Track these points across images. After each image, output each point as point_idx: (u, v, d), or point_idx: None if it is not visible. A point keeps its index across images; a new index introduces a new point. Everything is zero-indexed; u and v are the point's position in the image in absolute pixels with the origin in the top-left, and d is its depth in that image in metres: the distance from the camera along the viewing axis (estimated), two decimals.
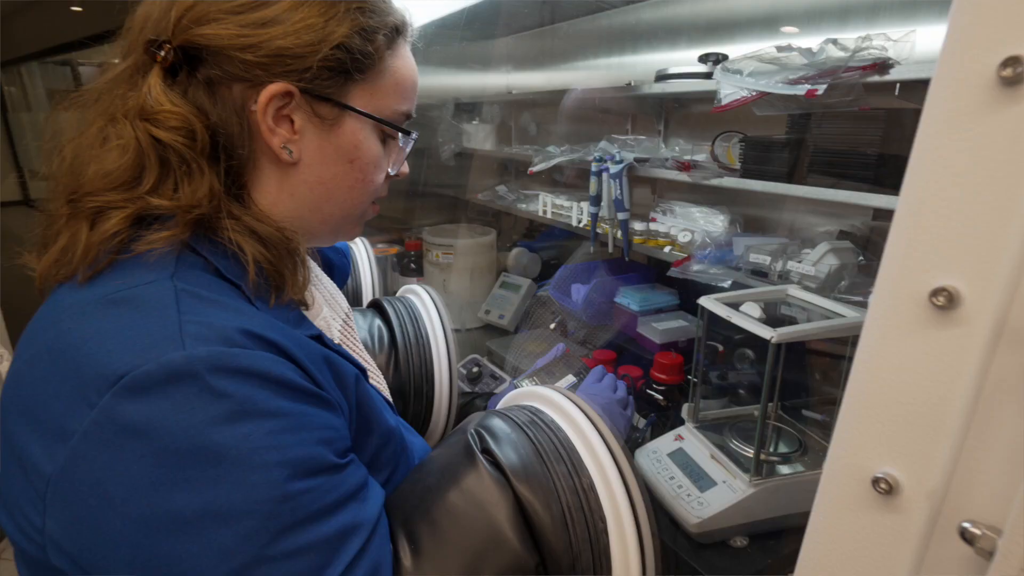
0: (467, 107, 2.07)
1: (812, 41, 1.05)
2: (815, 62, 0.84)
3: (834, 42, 0.84)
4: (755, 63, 0.90)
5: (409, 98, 0.56)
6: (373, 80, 0.53)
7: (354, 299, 1.09)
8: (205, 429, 0.37)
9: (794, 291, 0.89)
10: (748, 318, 0.77)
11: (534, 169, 1.55)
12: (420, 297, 0.87)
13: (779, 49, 0.93)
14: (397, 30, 0.54)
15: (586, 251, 1.47)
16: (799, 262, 0.94)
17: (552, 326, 1.65)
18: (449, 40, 1.88)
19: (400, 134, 0.57)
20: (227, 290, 0.46)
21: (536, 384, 0.86)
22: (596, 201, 1.34)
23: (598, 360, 1.23)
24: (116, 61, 0.51)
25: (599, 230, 1.39)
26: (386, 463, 0.55)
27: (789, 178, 0.93)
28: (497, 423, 0.53)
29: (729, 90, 0.94)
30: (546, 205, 1.64)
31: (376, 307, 0.88)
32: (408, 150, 0.59)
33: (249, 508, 0.38)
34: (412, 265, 1.89)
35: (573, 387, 0.85)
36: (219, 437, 0.38)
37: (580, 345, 1.47)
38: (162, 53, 0.47)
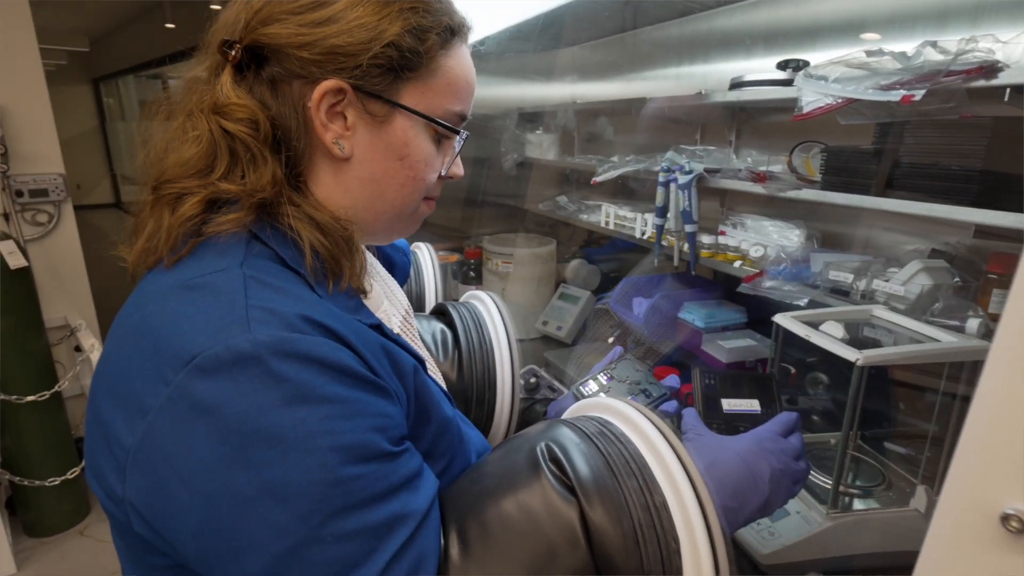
0: (530, 117, 2.08)
1: (905, 47, 0.99)
2: (911, 66, 0.79)
3: (933, 45, 0.78)
4: (842, 68, 0.85)
5: (463, 99, 0.57)
6: (425, 79, 0.53)
7: (417, 304, 1.10)
8: (265, 411, 0.39)
9: (880, 312, 0.83)
10: (830, 338, 0.72)
11: (598, 179, 1.53)
12: (484, 303, 0.87)
13: (869, 54, 0.88)
14: (452, 30, 0.55)
15: (650, 264, 1.44)
16: (886, 281, 0.88)
17: (611, 340, 1.61)
18: (523, 49, 1.89)
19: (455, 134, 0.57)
20: (291, 278, 0.48)
21: (592, 382, 0.83)
22: (662, 212, 1.31)
23: (662, 375, 1.18)
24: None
25: (664, 242, 1.36)
26: (443, 453, 0.55)
27: (877, 191, 0.87)
28: (565, 432, 0.51)
29: (812, 97, 0.89)
30: (608, 216, 1.61)
31: (440, 312, 0.88)
32: (459, 149, 0.59)
33: (303, 490, 0.39)
34: (472, 273, 1.91)
35: (674, 418, 0.76)
36: (277, 420, 0.39)
37: (638, 358, 1.43)
38: (232, 52, 0.50)
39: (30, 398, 2.06)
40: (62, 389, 2.17)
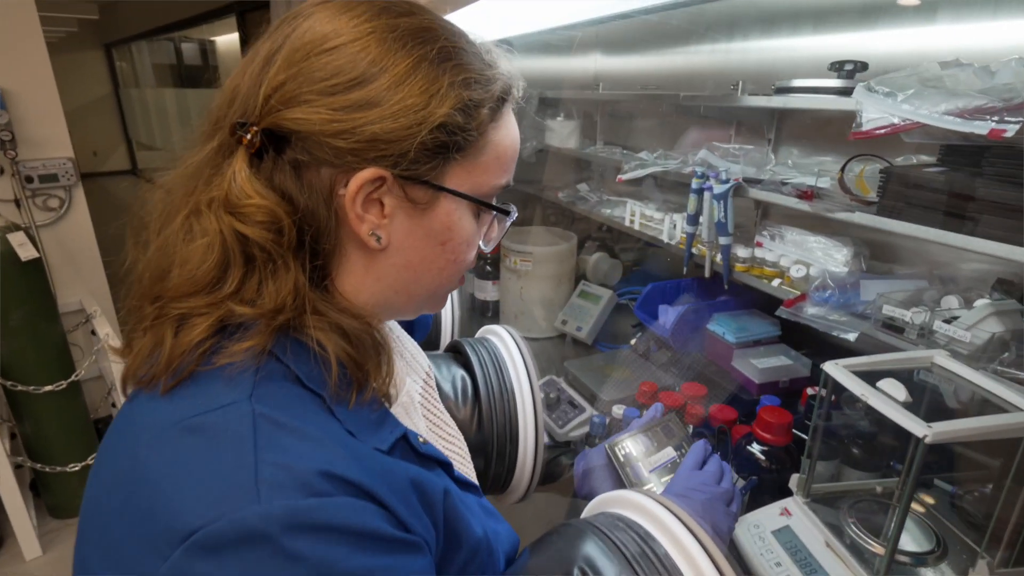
0: (551, 102, 1.96)
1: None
2: (996, 87, 0.69)
3: None
4: (914, 83, 0.75)
5: (509, 170, 0.51)
6: (473, 156, 0.47)
7: (432, 336, 1.03)
8: None
9: (942, 360, 0.75)
10: (892, 404, 0.65)
11: (624, 177, 1.43)
12: (503, 341, 0.80)
13: (943, 66, 0.78)
14: (501, 98, 0.48)
15: (678, 271, 1.35)
16: (948, 322, 0.79)
17: (633, 341, 1.55)
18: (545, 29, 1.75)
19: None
20: (307, 403, 0.42)
21: (630, 443, 0.77)
22: (693, 220, 1.22)
23: (689, 394, 1.12)
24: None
25: (694, 250, 1.27)
26: (473, 574, 0.50)
27: (943, 222, 0.78)
28: (601, 554, 0.45)
29: (875, 114, 0.79)
30: (634, 214, 1.52)
31: (455, 350, 0.82)
32: (507, 228, 0.53)
33: None
34: (488, 267, 1.83)
35: (671, 466, 0.75)
36: None
37: (662, 370, 1.37)
38: (248, 136, 0.43)
39: (47, 388, 2.06)
40: (79, 377, 2.18)
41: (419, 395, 0.61)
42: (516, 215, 0.53)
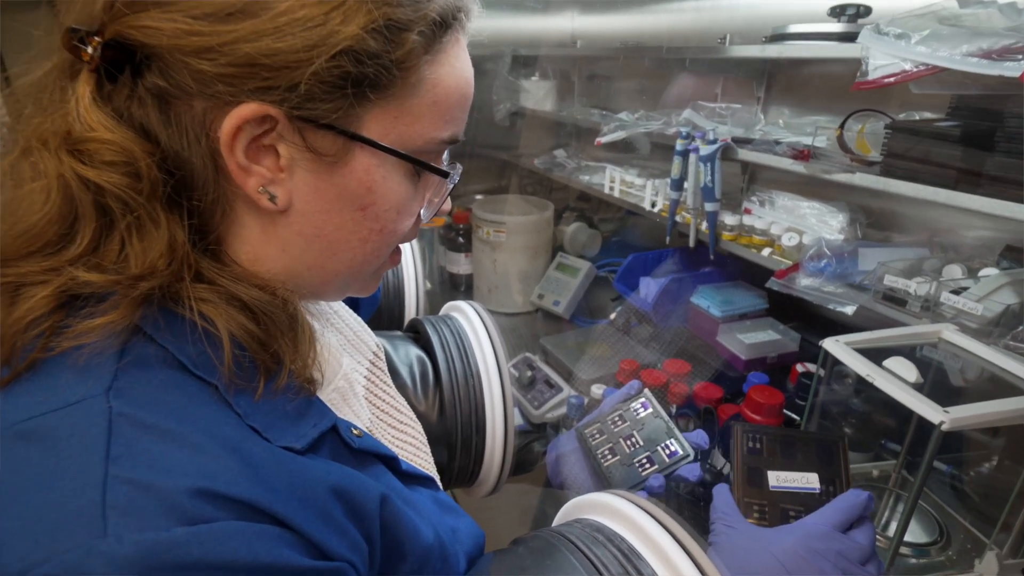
0: (525, 60, 1.84)
1: None
2: None
3: None
4: (930, 23, 0.66)
5: (454, 119, 0.39)
6: (400, 98, 0.36)
7: (395, 295, 0.94)
8: None
9: (951, 335, 0.68)
10: (903, 386, 0.58)
11: (603, 139, 1.33)
12: (468, 319, 0.71)
13: (962, 3, 0.69)
14: (442, 23, 0.36)
15: (660, 241, 1.27)
16: (957, 293, 0.72)
17: (612, 316, 1.47)
18: None
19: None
20: (194, 395, 0.33)
21: (601, 426, 0.69)
22: (677, 185, 1.13)
23: (672, 371, 1.05)
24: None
25: (678, 217, 1.19)
26: None
27: (956, 183, 0.70)
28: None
29: (883, 60, 0.70)
30: (613, 181, 1.43)
31: (414, 330, 0.73)
32: (449, 191, 0.43)
33: None
34: (460, 239, 1.73)
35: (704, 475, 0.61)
36: None
37: (644, 346, 1.29)
38: (89, 50, 0.32)
39: None
40: None
41: (363, 378, 0.52)
42: (459, 175, 0.42)
